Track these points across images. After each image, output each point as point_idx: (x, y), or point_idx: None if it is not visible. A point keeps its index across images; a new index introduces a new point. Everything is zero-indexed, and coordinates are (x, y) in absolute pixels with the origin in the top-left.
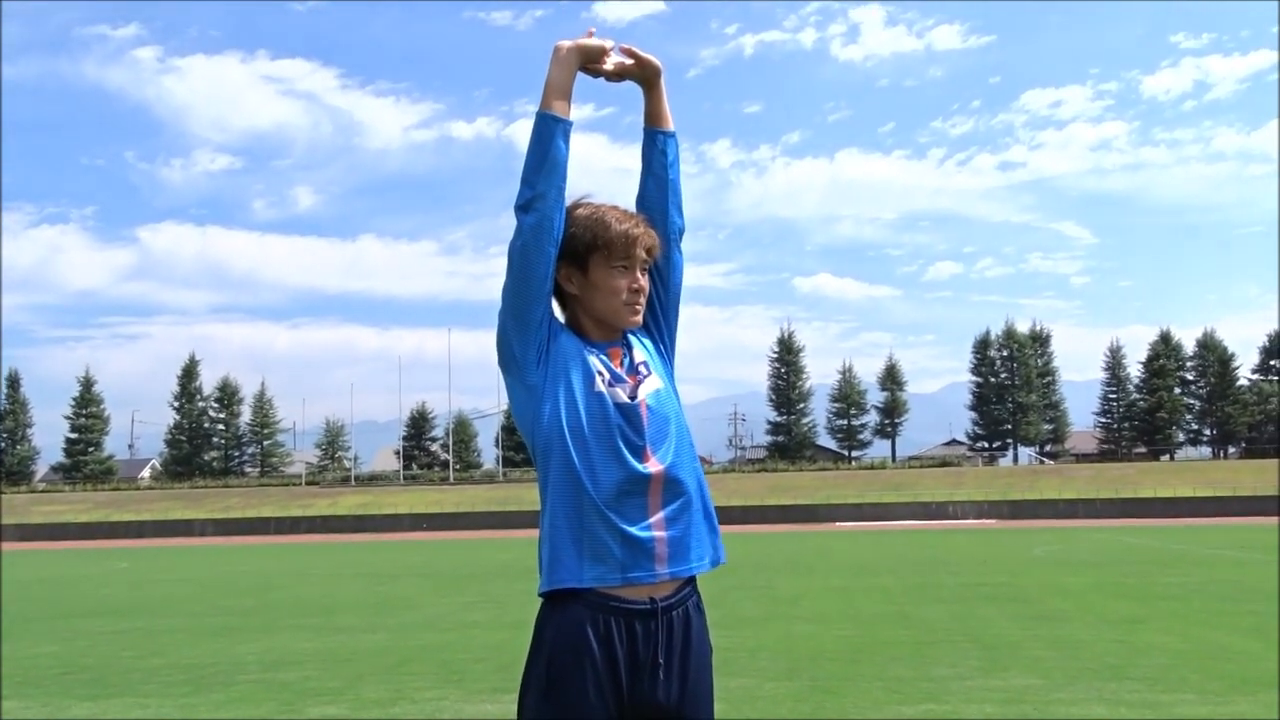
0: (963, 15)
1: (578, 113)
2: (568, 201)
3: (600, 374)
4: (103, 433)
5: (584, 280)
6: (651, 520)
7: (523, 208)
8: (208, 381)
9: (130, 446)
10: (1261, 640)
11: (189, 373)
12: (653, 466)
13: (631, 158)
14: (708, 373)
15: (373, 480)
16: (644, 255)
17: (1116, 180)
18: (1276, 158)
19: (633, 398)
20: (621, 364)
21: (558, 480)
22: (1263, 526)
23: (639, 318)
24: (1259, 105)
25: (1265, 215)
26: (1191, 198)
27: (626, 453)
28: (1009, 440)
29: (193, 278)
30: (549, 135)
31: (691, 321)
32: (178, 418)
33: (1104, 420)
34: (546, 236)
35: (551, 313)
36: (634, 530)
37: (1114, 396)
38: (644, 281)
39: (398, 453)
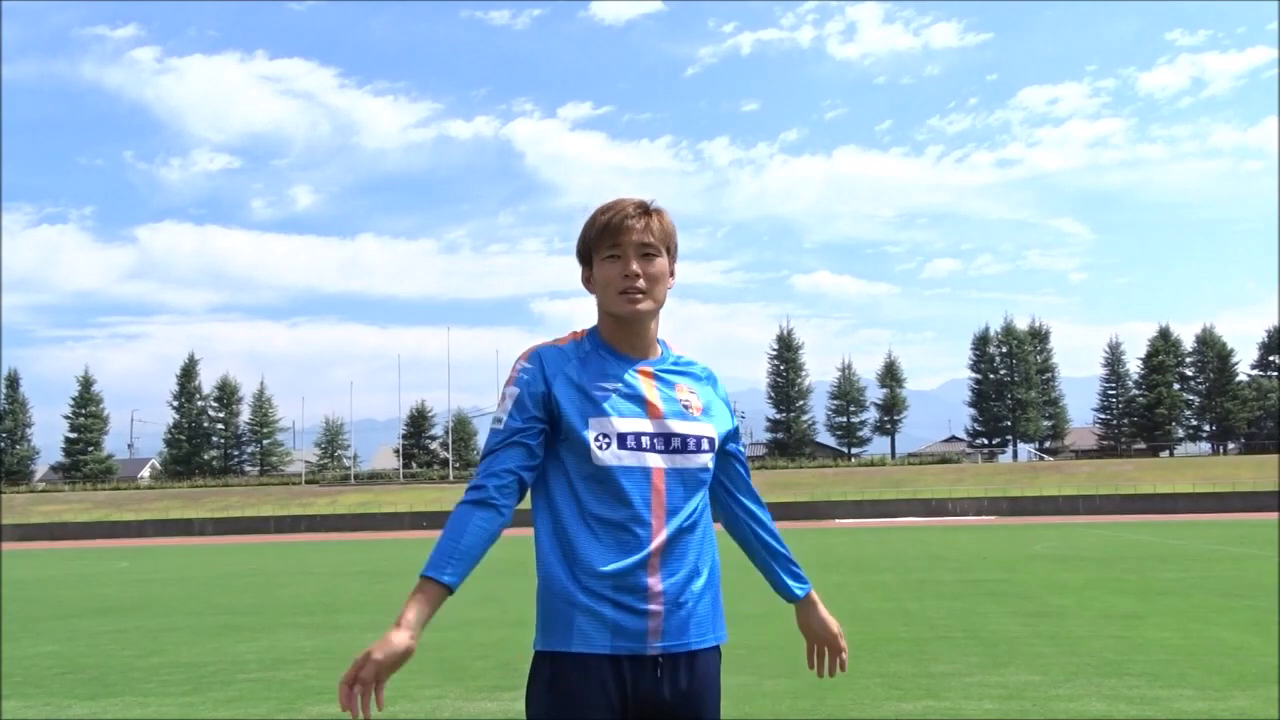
0: (960, 13)
1: (575, 110)
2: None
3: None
4: (102, 432)
5: (594, 279)
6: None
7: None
8: (207, 381)
9: (130, 446)
10: (1261, 636)
11: (188, 372)
12: None
13: (631, 155)
14: None
15: (372, 479)
16: (636, 240)
17: (1114, 177)
18: (1275, 154)
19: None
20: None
21: None
22: (1262, 522)
23: (638, 306)
24: (1256, 102)
25: (1263, 211)
26: (1189, 194)
27: None
28: (1008, 437)
29: (192, 277)
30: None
31: (690, 319)
32: (177, 417)
33: (1103, 416)
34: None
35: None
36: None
37: (1113, 393)
38: (644, 267)
39: (397, 451)
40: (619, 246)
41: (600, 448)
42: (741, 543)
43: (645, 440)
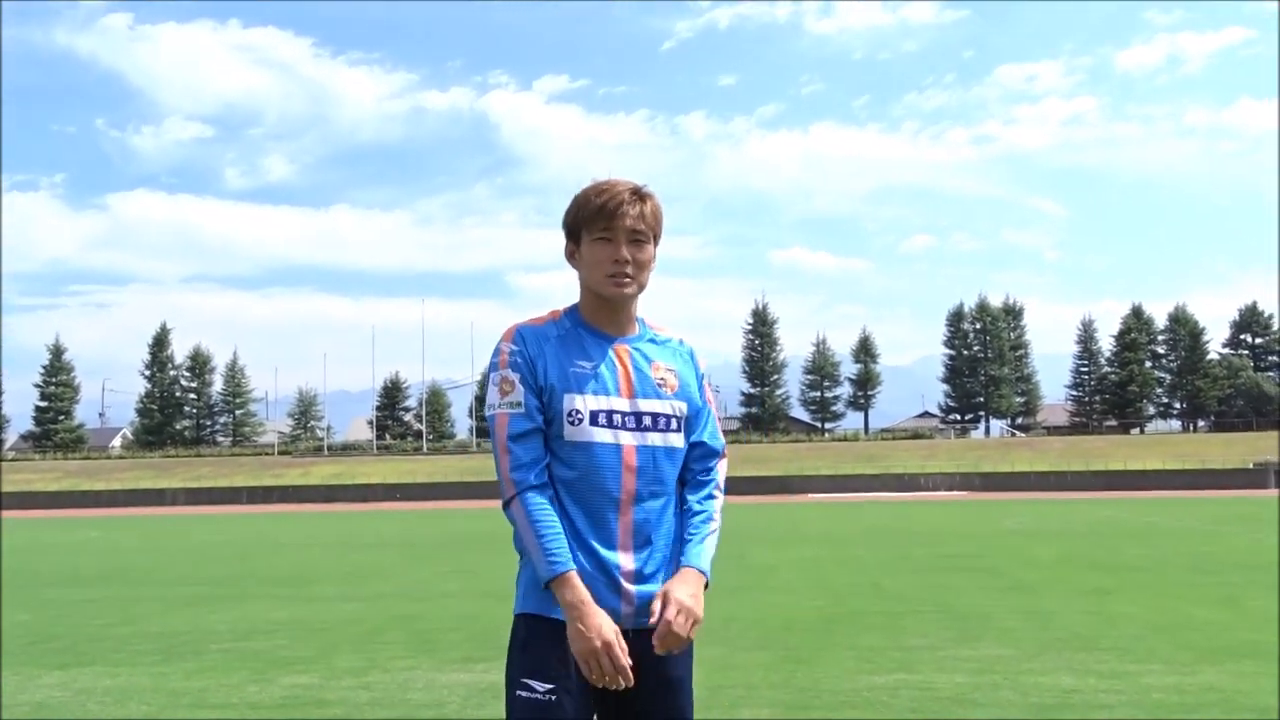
0: None
1: (551, 83)
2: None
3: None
4: (73, 401)
5: (580, 256)
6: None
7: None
8: (179, 350)
9: (101, 415)
10: (1229, 611)
11: (160, 341)
12: None
13: (607, 128)
14: None
15: (345, 450)
16: (629, 225)
17: (1089, 155)
18: (1248, 135)
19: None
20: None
21: None
22: (1232, 499)
23: (625, 290)
24: (1230, 81)
25: (1235, 191)
26: (1163, 173)
27: None
28: (981, 413)
29: (164, 246)
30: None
31: (666, 293)
32: (149, 386)
33: (1075, 394)
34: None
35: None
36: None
37: (1086, 370)
38: (634, 253)
39: (371, 423)
40: (611, 230)
41: (573, 424)
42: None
43: (617, 418)
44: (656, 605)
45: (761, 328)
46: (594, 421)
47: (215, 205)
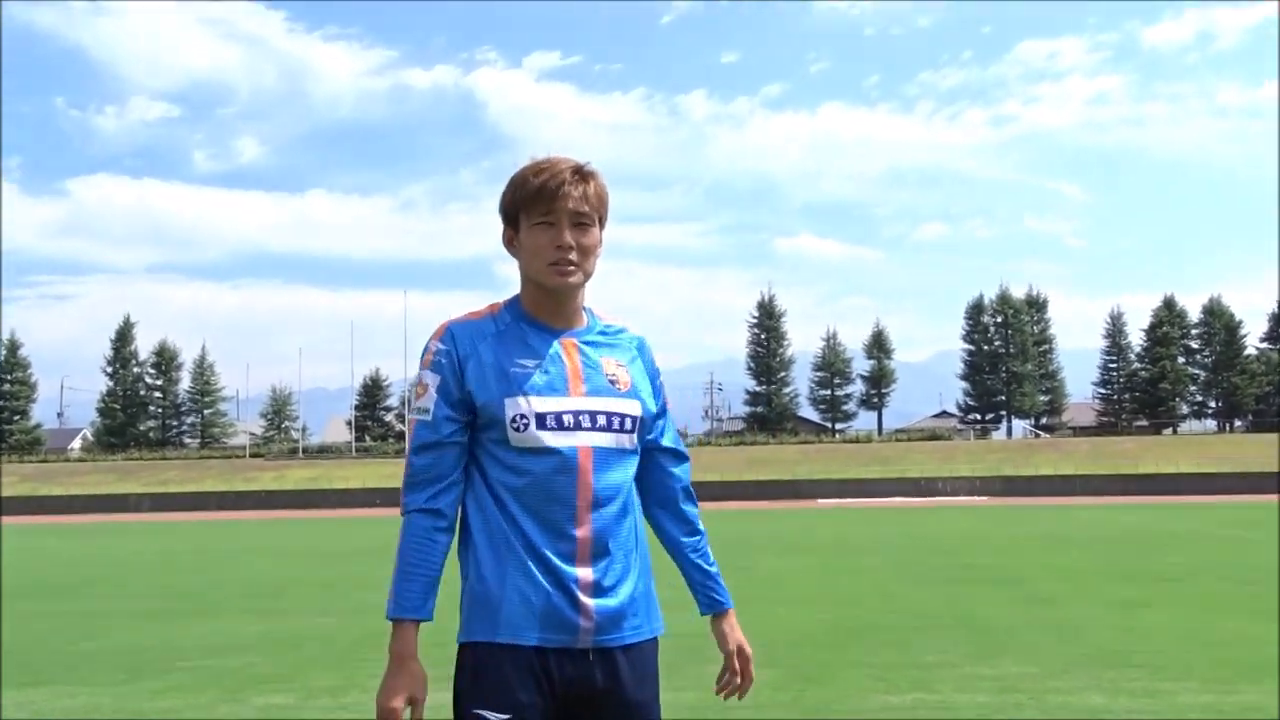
0: None
1: (542, 59)
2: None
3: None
4: (29, 400)
5: (519, 243)
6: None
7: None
8: (144, 345)
9: (59, 415)
10: (1268, 624)
11: (124, 336)
12: None
13: (601, 108)
14: (681, 338)
15: (322, 452)
16: (572, 208)
17: (1114, 136)
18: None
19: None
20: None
21: None
22: (1269, 504)
23: (569, 279)
24: (1265, 58)
25: (1273, 175)
26: (1194, 155)
27: None
28: (1003, 412)
29: (128, 234)
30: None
31: (665, 284)
32: (111, 384)
33: (1103, 391)
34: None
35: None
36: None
37: (1114, 366)
38: (577, 238)
39: (349, 423)
40: (552, 214)
41: (518, 429)
42: (669, 553)
43: (568, 419)
44: (736, 663)
45: (768, 321)
46: (542, 425)
47: (182, 190)
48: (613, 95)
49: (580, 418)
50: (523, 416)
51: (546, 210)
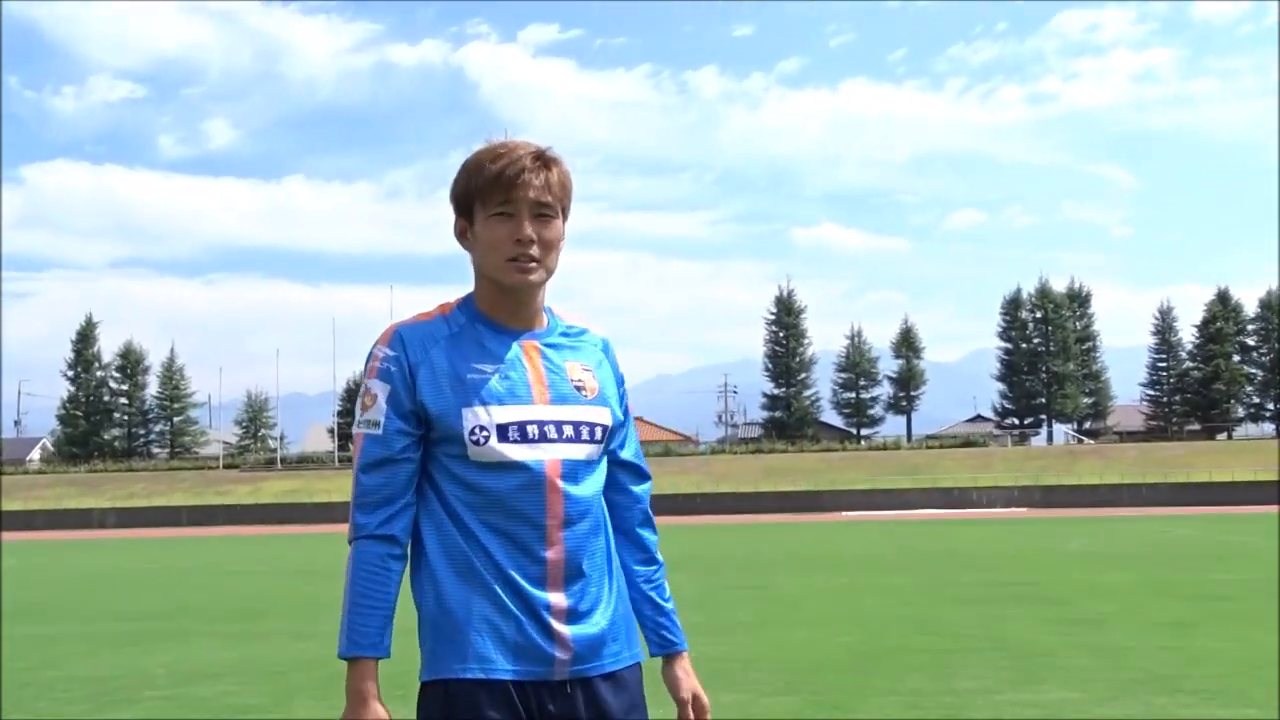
0: None
1: (539, 33)
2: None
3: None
4: None
5: (473, 235)
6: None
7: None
8: (108, 347)
9: (16, 423)
10: None
11: (85, 337)
12: None
13: (604, 85)
14: (691, 338)
15: (302, 463)
16: (533, 197)
17: (1163, 115)
18: None
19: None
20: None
21: None
22: None
23: (530, 277)
24: None
25: None
26: (1249, 136)
27: None
28: (1042, 416)
29: (89, 226)
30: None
31: (672, 278)
32: (73, 389)
33: (1152, 393)
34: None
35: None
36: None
37: (1164, 365)
38: (539, 230)
39: (331, 431)
40: (511, 204)
41: (477, 442)
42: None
43: (531, 430)
44: (690, 713)
45: (786, 318)
46: (504, 437)
47: (148, 177)
48: (616, 72)
49: (546, 428)
50: (482, 428)
51: (504, 200)
